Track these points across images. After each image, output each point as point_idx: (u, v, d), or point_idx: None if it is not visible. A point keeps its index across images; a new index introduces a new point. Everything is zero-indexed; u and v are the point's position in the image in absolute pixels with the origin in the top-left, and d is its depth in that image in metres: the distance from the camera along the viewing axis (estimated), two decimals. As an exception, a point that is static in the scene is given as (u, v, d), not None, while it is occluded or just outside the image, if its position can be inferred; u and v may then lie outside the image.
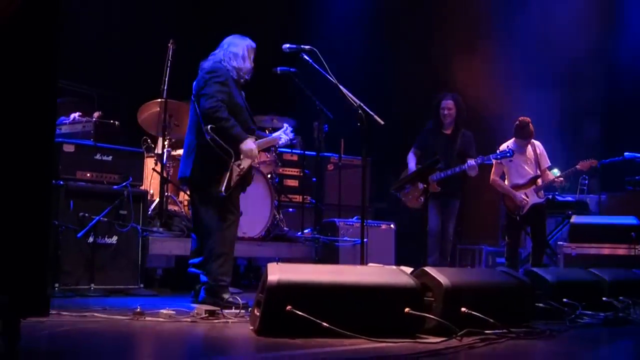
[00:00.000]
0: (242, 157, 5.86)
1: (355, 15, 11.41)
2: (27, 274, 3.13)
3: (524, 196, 8.38)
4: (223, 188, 5.74)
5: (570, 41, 10.67)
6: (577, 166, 8.47)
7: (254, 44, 6.16)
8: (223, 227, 5.85)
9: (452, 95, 8.31)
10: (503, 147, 8.47)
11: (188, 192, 6.86)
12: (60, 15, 3.34)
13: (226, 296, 5.72)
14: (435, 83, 10.74)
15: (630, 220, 8.55)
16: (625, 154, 9.09)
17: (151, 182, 8.10)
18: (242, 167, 5.86)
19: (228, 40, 6.14)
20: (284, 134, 6.45)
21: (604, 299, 5.71)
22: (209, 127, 5.72)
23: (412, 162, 8.32)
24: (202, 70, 5.98)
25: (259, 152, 6.33)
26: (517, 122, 8.50)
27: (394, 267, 5.01)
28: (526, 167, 8.46)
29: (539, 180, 8.46)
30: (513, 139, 8.56)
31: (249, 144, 5.86)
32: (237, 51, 6.05)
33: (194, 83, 5.99)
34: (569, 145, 9.24)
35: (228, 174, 5.76)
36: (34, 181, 3.23)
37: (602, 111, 10.94)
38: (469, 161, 8.06)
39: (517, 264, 8.45)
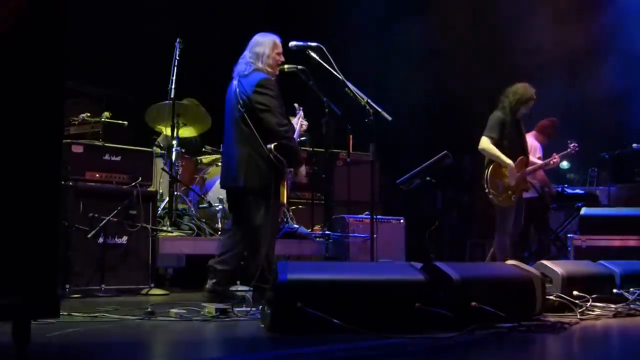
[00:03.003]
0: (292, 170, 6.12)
1: (357, 14, 11.38)
2: (37, 275, 3.14)
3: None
4: (285, 200, 5.99)
5: (579, 30, 10.65)
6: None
7: (277, 39, 6.18)
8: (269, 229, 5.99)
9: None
10: (530, 143, 8.61)
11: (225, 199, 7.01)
12: (68, 16, 3.34)
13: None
14: (440, 78, 10.76)
15: (639, 211, 8.54)
16: (634, 145, 9.08)
17: (160, 182, 8.13)
18: (292, 177, 6.21)
19: (253, 40, 6.18)
20: (303, 120, 6.58)
21: (614, 291, 5.70)
22: (272, 146, 5.82)
23: (503, 156, 7.74)
24: (248, 81, 5.98)
25: None
26: (552, 122, 8.66)
27: (404, 262, 5.01)
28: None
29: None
30: (534, 134, 8.74)
31: (303, 170, 6.31)
32: (259, 50, 6.09)
33: (237, 94, 5.98)
34: (576, 137, 9.20)
35: (285, 185, 5.90)
36: (43, 182, 3.24)
37: (610, 102, 10.89)
38: (555, 159, 8.28)
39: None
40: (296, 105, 6.72)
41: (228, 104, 6.15)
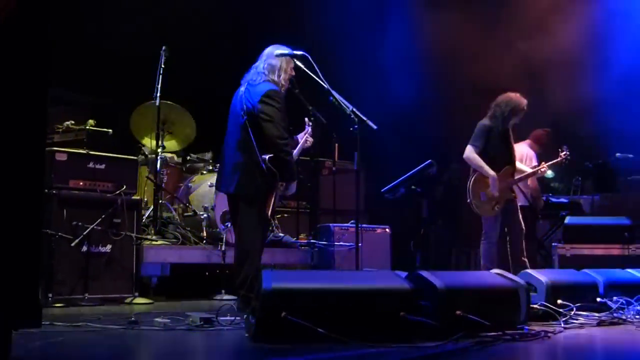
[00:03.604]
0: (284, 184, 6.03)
1: (338, 22, 11.37)
2: (18, 284, 3.11)
3: None
4: (269, 212, 5.93)
5: (560, 39, 10.70)
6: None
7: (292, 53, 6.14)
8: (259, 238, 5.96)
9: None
10: (525, 151, 8.62)
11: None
12: (52, 23, 3.33)
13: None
14: (425, 86, 10.79)
15: (623, 220, 8.59)
16: (617, 154, 9.13)
17: (145, 190, 8.10)
18: (282, 190, 6.06)
19: (268, 52, 6.10)
20: (309, 137, 6.55)
21: (598, 299, 5.73)
22: (267, 157, 5.80)
23: (486, 166, 7.76)
24: (256, 89, 5.93)
25: None
26: (546, 132, 8.81)
27: (389, 271, 5.01)
28: None
29: None
30: (529, 143, 8.79)
31: (294, 186, 6.13)
32: (275, 63, 6.03)
33: (243, 101, 5.93)
34: (560, 146, 9.25)
35: (273, 197, 5.87)
36: (25, 190, 3.22)
37: (593, 111, 10.92)
38: (542, 167, 8.27)
39: None
40: (306, 119, 6.67)
41: (232, 110, 6.11)
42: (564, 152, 8.27)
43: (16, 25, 3.21)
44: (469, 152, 7.81)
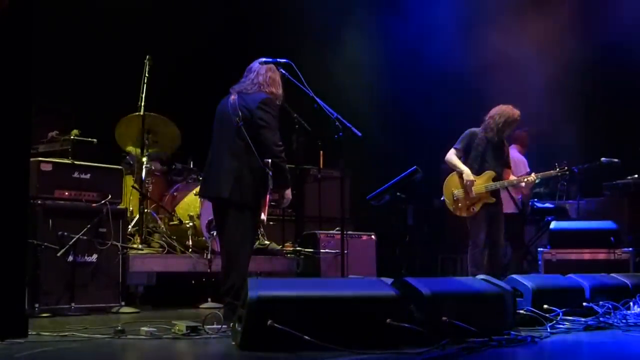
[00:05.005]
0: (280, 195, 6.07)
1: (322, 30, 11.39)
2: (4, 294, 3.10)
3: None
4: (265, 217, 5.91)
5: (547, 45, 10.74)
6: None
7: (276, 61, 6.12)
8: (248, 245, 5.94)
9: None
10: (517, 157, 8.65)
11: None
12: (35, 33, 3.33)
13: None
14: (411, 93, 10.82)
15: (608, 225, 8.62)
16: (602, 159, 9.16)
17: (130, 199, 8.08)
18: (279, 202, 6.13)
19: (263, 65, 6.01)
20: None
21: (584, 304, 5.75)
22: (269, 161, 5.77)
23: (461, 164, 7.94)
24: (252, 97, 5.86)
25: None
26: (527, 133, 8.87)
27: (375, 278, 5.01)
28: None
29: None
30: (516, 147, 8.85)
31: (289, 193, 6.10)
32: (275, 77, 6.01)
33: (237, 107, 5.84)
34: (544, 151, 9.28)
35: (267, 202, 5.88)
36: (10, 201, 3.21)
37: (578, 116, 10.96)
38: (530, 177, 8.14)
39: None
40: None
41: (221, 116, 6.01)
42: (562, 167, 8.07)
43: (3, 30, 3.21)
44: (449, 153, 8.05)
